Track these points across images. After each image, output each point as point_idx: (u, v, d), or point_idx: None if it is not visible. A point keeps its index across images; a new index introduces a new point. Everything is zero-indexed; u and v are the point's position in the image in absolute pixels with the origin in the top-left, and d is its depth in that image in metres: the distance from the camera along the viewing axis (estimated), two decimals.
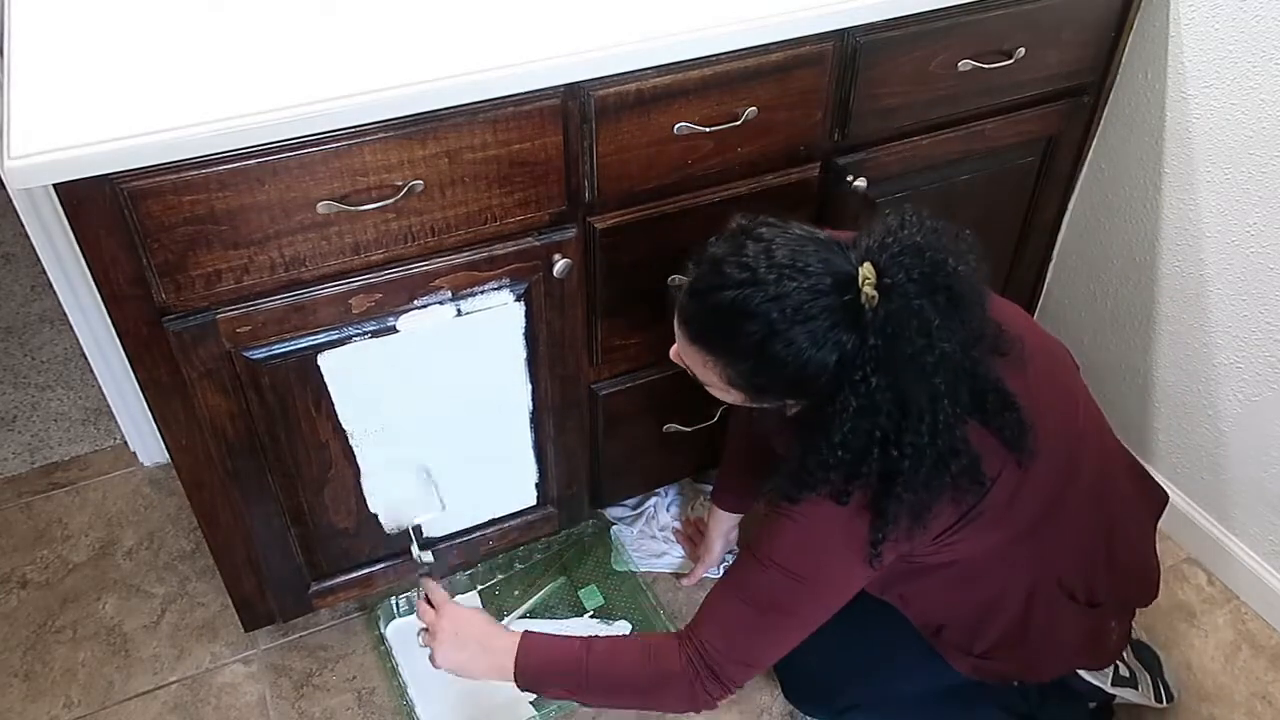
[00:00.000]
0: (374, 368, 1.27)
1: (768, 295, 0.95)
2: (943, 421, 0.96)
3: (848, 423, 0.96)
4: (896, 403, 0.95)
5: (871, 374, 0.94)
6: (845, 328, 0.94)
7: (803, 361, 0.95)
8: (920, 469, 0.97)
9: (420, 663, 1.56)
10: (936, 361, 0.94)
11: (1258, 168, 1.45)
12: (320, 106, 1.02)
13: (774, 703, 1.54)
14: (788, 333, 0.95)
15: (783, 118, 1.32)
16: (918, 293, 0.93)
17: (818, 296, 0.94)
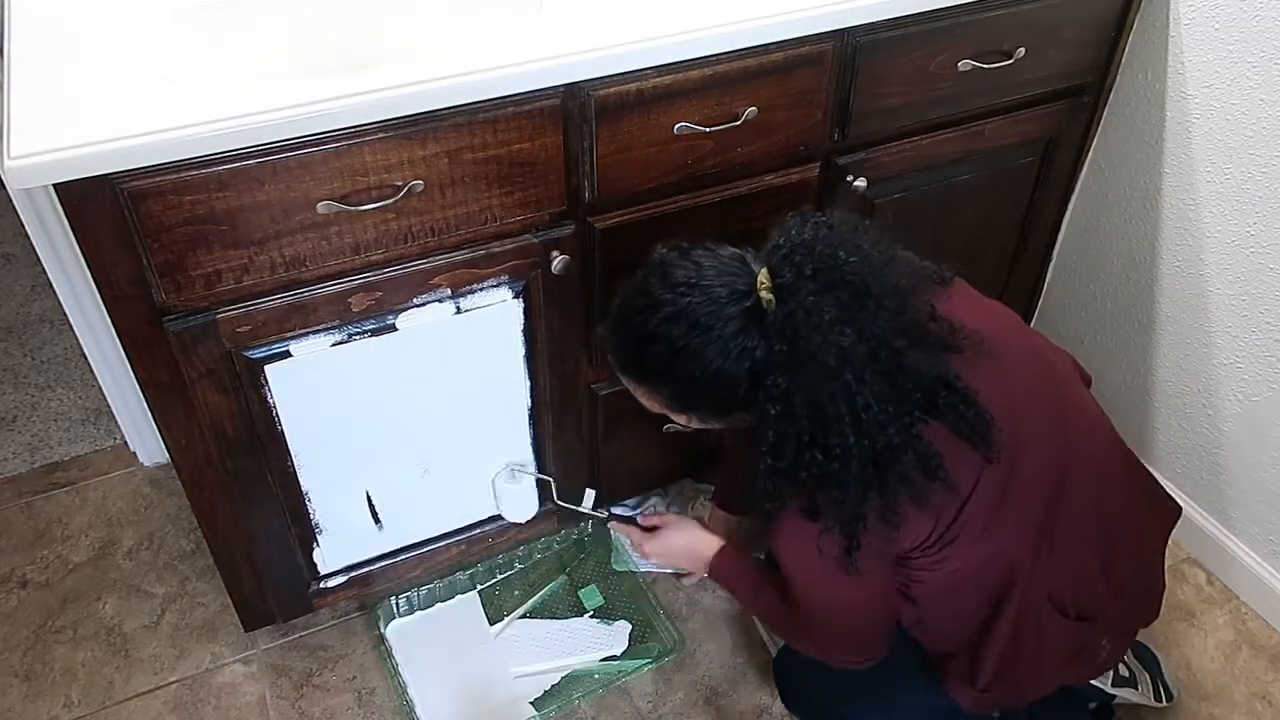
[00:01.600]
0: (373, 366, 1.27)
1: (666, 315, 0.98)
2: (867, 419, 0.95)
3: (770, 430, 0.97)
4: (810, 404, 0.95)
5: (780, 378, 0.95)
6: (750, 334, 0.95)
7: (713, 374, 0.97)
8: (851, 469, 0.96)
9: (420, 663, 1.56)
10: (841, 356, 0.93)
11: (1258, 168, 1.45)
12: (320, 106, 1.02)
13: (774, 703, 1.54)
14: (692, 348, 0.97)
15: (783, 118, 1.32)
16: (810, 290, 0.94)
17: (717, 307, 0.96)
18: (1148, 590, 1.30)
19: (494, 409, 1.42)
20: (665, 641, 1.60)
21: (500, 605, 1.66)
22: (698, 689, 1.56)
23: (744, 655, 1.60)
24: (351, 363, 1.25)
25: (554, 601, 1.67)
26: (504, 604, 1.66)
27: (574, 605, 1.66)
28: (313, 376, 1.24)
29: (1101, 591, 1.21)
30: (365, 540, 1.49)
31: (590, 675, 1.57)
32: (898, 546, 1.07)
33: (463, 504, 1.52)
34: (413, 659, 1.57)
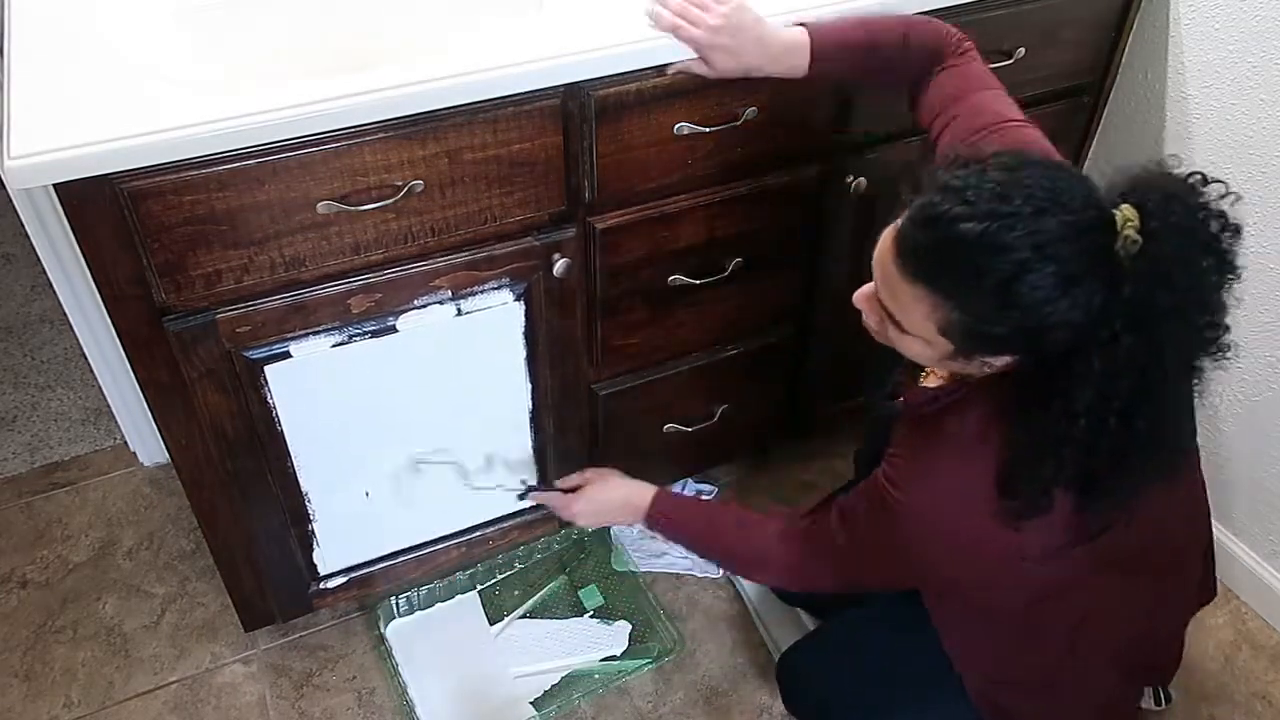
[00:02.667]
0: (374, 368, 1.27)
1: (1018, 231, 0.81)
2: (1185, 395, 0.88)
3: (1089, 389, 0.84)
4: (1146, 368, 0.83)
5: (1124, 331, 0.82)
6: (1099, 274, 0.82)
7: (1048, 308, 0.82)
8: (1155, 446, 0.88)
9: (420, 663, 1.56)
10: (1212, 325, 0.83)
11: (1258, 168, 1.45)
12: (320, 106, 1.02)
13: (774, 703, 1.54)
14: (1038, 273, 0.81)
15: (783, 118, 1.31)
16: (1188, 243, 0.82)
17: (1078, 235, 0.82)
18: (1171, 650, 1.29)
19: (495, 411, 1.42)
20: (665, 641, 1.60)
21: (500, 605, 1.66)
22: (698, 689, 1.56)
23: (744, 655, 1.60)
24: (352, 364, 1.25)
25: (554, 601, 1.67)
26: (504, 604, 1.66)
27: (574, 605, 1.66)
28: (313, 377, 1.24)
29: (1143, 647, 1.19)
30: (365, 541, 1.49)
31: (590, 675, 1.57)
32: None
33: (463, 505, 1.52)
34: (413, 659, 1.57)
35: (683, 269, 1.40)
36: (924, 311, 0.90)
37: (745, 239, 1.42)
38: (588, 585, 1.69)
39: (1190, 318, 0.83)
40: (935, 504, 1.00)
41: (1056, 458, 0.89)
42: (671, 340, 1.49)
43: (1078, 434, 0.87)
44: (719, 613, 1.66)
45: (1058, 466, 0.89)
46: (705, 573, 1.72)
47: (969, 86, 1.11)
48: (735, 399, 1.62)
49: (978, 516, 0.96)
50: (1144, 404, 0.85)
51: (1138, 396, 0.85)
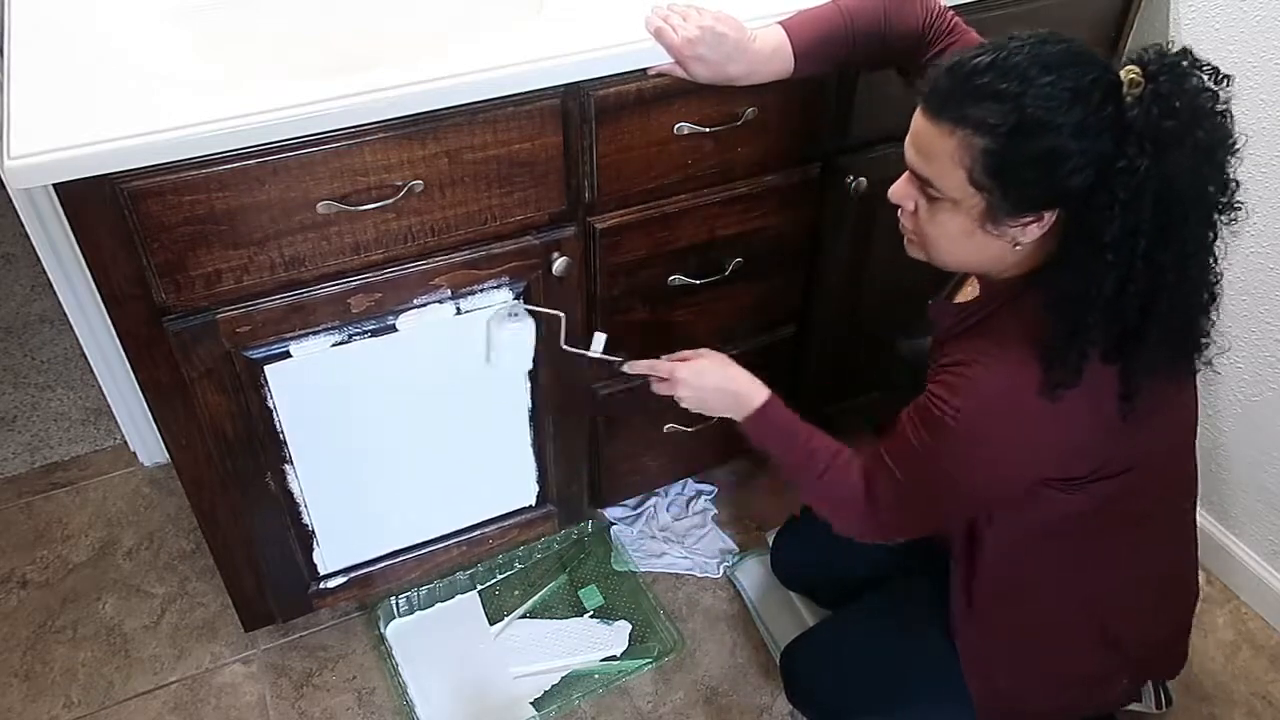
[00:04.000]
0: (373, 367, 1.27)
1: (1033, 55, 0.91)
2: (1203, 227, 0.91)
3: (1115, 222, 0.88)
4: (1161, 193, 0.87)
5: (1137, 156, 0.86)
6: (1108, 102, 0.88)
7: (1061, 126, 0.88)
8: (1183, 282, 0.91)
9: (420, 663, 1.56)
10: (1206, 145, 0.88)
11: (1258, 168, 1.45)
12: (320, 106, 1.02)
13: (774, 702, 1.54)
14: (1051, 88, 0.88)
15: (783, 118, 1.32)
16: (1182, 77, 0.88)
17: (1085, 69, 0.90)
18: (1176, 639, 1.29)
19: (494, 410, 1.42)
20: (665, 641, 1.60)
21: (500, 605, 1.66)
22: (698, 689, 1.56)
23: (744, 655, 1.60)
24: (352, 363, 1.25)
25: (554, 601, 1.67)
26: (504, 604, 1.66)
27: (574, 605, 1.66)
28: (313, 377, 1.24)
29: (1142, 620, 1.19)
30: (365, 540, 1.49)
31: (590, 675, 1.57)
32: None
33: (463, 504, 1.52)
34: (413, 659, 1.57)
35: (683, 269, 1.40)
36: (951, 153, 0.93)
37: (745, 239, 1.42)
38: (588, 585, 1.69)
39: (1197, 145, 0.87)
40: (985, 405, 1.00)
41: (1089, 309, 0.92)
42: (671, 340, 1.49)
43: (1107, 276, 0.90)
44: (719, 613, 1.66)
45: (1091, 321, 0.92)
46: (705, 573, 1.72)
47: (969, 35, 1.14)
48: None
49: (1026, 403, 0.97)
50: (1166, 242, 0.89)
51: (1159, 233, 0.88)
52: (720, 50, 1.11)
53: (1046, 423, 0.99)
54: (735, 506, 1.84)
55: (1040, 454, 1.03)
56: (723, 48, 1.11)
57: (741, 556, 1.74)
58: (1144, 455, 1.06)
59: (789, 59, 1.14)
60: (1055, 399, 0.95)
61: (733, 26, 1.12)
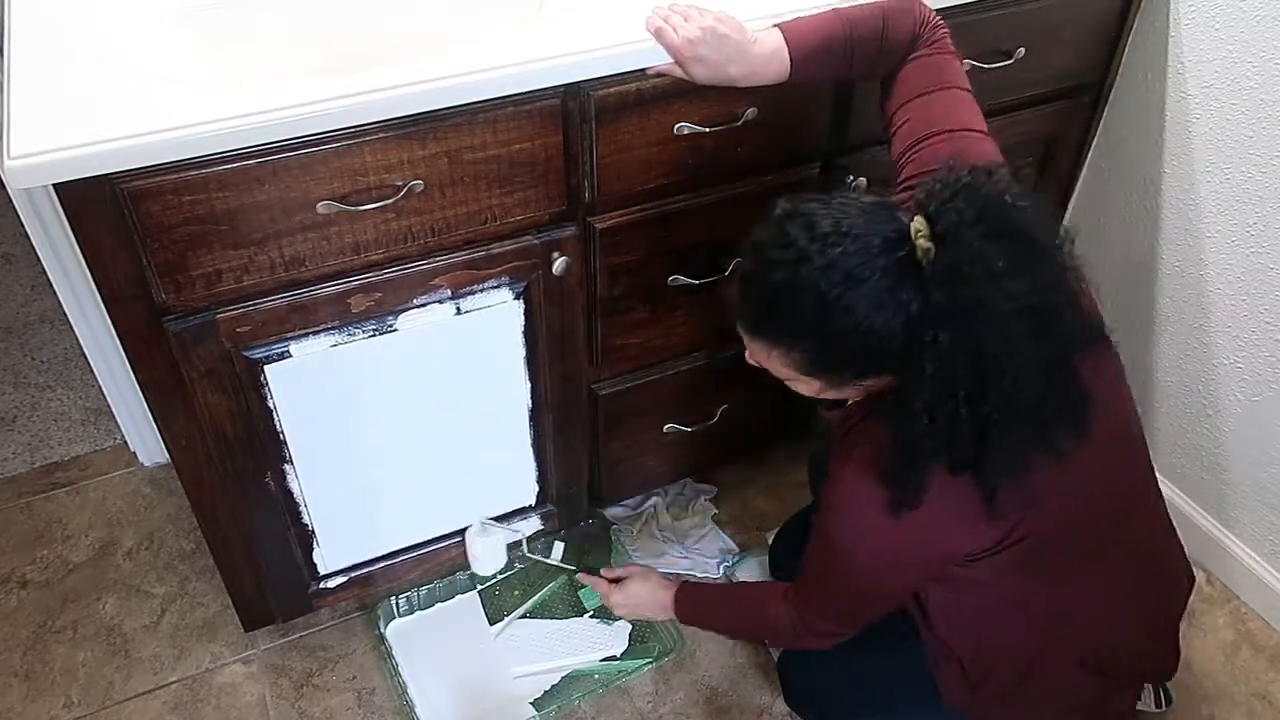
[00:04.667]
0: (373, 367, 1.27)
1: (815, 266, 0.90)
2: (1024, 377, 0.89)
3: (924, 390, 0.90)
4: (973, 359, 0.88)
5: (941, 332, 0.88)
6: (905, 286, 0.89)
7: (865, 329, 0.90)
8: (1009, 427, 0.91)
9: (420, 663, 1.56)
10: (1008, 310, 0.87)
11: (1258, 168, 1.45)
12: (320, 106, 1.02)
13: (774, 702, 1.54)
14: (843, 300, 0.90)
15: (783, 117, 1.32)
16: (977, 236, 0.87)
17: (869, 258, 0.89)
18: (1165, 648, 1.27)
19: (494, 410, 1.42)
20: (665, 641, 1.60)
21: (500, 605, 1.66)
22: (698, 689, 1.56)
23: (744, 655, 1.60)
24: (351, 363, 1.25)
25: (554, 601, 1.67)
26: (504, 604, 1.66)
27: (574, 605, 1.66)
28: (313, 377, 1.24)
29: (1124, 647, 1.19)
30: (365, 540, 1.49)
31: (590, 675, 1.57)
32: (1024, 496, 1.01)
33: (463, 504, 1.52)
34: (413, 659, 1.57)
35: (683, 269, 1.40)
36: (776, 357, 1.00)
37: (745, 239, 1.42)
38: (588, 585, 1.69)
39: (998, 304, 0.87)
40: (849, 521, 1.06)
41: (918, 448, 0.94)
42: (671, 340, 1.49)
43: (929, 427, 0.92)
44: None
45: (921, 459, 0.95)
46: (705, 574, 1.72)
47: (933, 82, 1.12)
48: (735, 399, 1.62)
49: (882, 522, 1.01)
50: (988, 389, 0.90)
51: (978, 384, 0.90)
52: (721, 52, 1.11)
53: (906, 536, 1.02)
54: (735, 506, 1.84)
55: (917, 560, 1.07)
56: (723, 49, 1.11)
57: (741, 556, 1.74)
58: (1058, 512, 1.05)
59: (786, 63, 1.14)
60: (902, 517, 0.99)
61: (734, 28, 1.12)
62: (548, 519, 1.61)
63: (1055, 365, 0.92)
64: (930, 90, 1.11)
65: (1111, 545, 1.13)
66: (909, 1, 1.15)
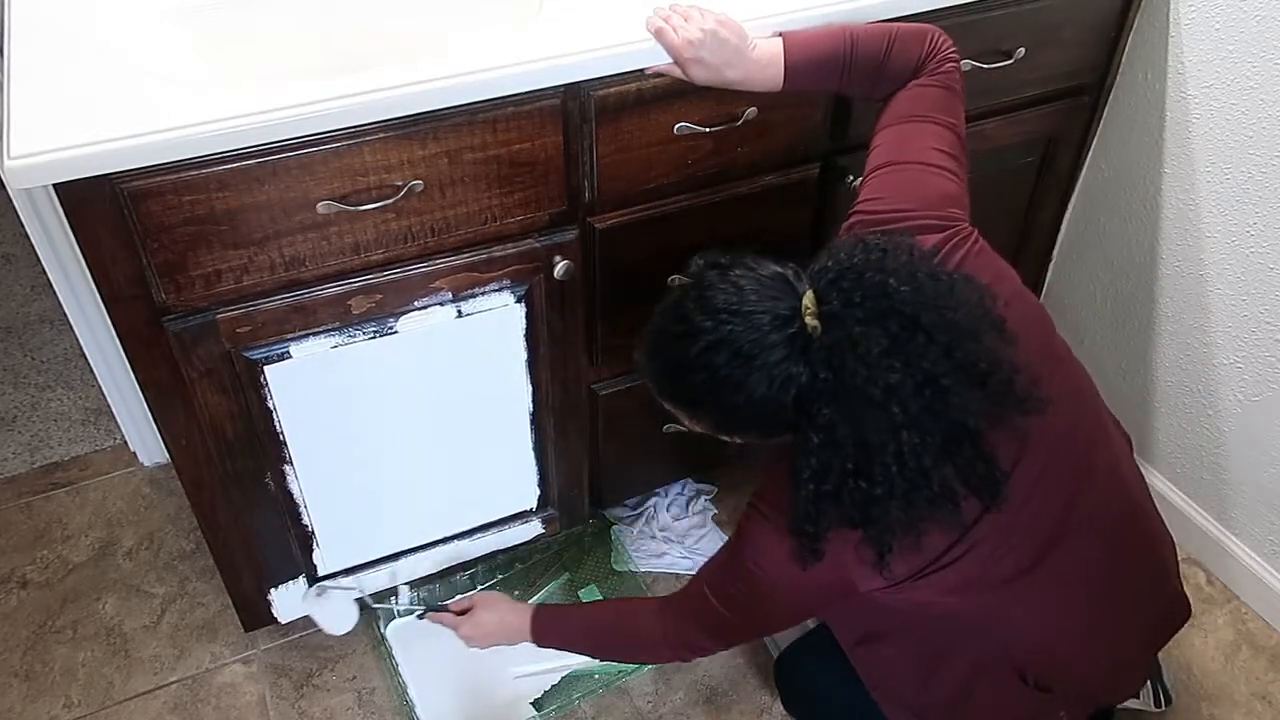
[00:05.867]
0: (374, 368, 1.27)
1: (706, 344, 0.94)
2: (909, 452, 0.92)
3: (813, 457, 0.93)
4: (855, 435, 0.91)
5: (825, 408, 0.91)
6: (794, 361, 0.91)
7: (757, 401, 0.93)
8: (894, 497, 0.93)
9: (420, 663, 1.56)
10: (887, 391, 0.89)
11: (1258, 168, 1.45)
12: (320, 106, 1.02)
13: (774, 703, 1.54)
14: (735, 378, 0.93)
15: (783, 118, 1.32)
16: (858, 319, 0.90)
17: (760, 334, 0.92)
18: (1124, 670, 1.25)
19: (495, 412, 1.42)
20: None
21: None
22: (698, 689, 1.56)
23: (744, 655, 1.60)
24: (352, 364, 1.25)
25: (554, 601, 1.67)
26: None
27: None
28: (313, 378, 1.24)
29: (1070, 667, 1.16)
30: (365, 541, 1.49)
31: (590, 675, 1.57)
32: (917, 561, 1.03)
33: (463, 507, 1.52)
34: (413, 659, 1.57)
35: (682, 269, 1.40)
36: (688, 418, 1.04)
37: (745, 239, 1.41)
38: (588, 585, 1.69)
39: (872, 389, 0.89)
40: (758, 550, 1.07)
41: (809, 506, 0.96)
42: None
43: (818, 491, 0.95)
44: None
45: (813, 513, 0.97)
46: None
47: (914, 112, 1.13)
48: None
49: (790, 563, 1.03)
50: (871, 465, 0.92)
51: (863, 458, 0.92)
52: (720, 55, 1.12)
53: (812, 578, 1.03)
54: (735, 506, 1.84)
55: (824, 593, 1.08)
56: (723, 52, 1.12)
57: None
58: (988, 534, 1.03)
59: (780, 73, 1.14)
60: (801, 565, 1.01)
61: (735, 32, 1.12)
62: (549, 522, 1.61)
63: (949, 443, 0.93)
64: (908, 120, 1.12)
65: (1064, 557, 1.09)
66: (923, 30, 1.15)
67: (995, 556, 1.05)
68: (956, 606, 1.08)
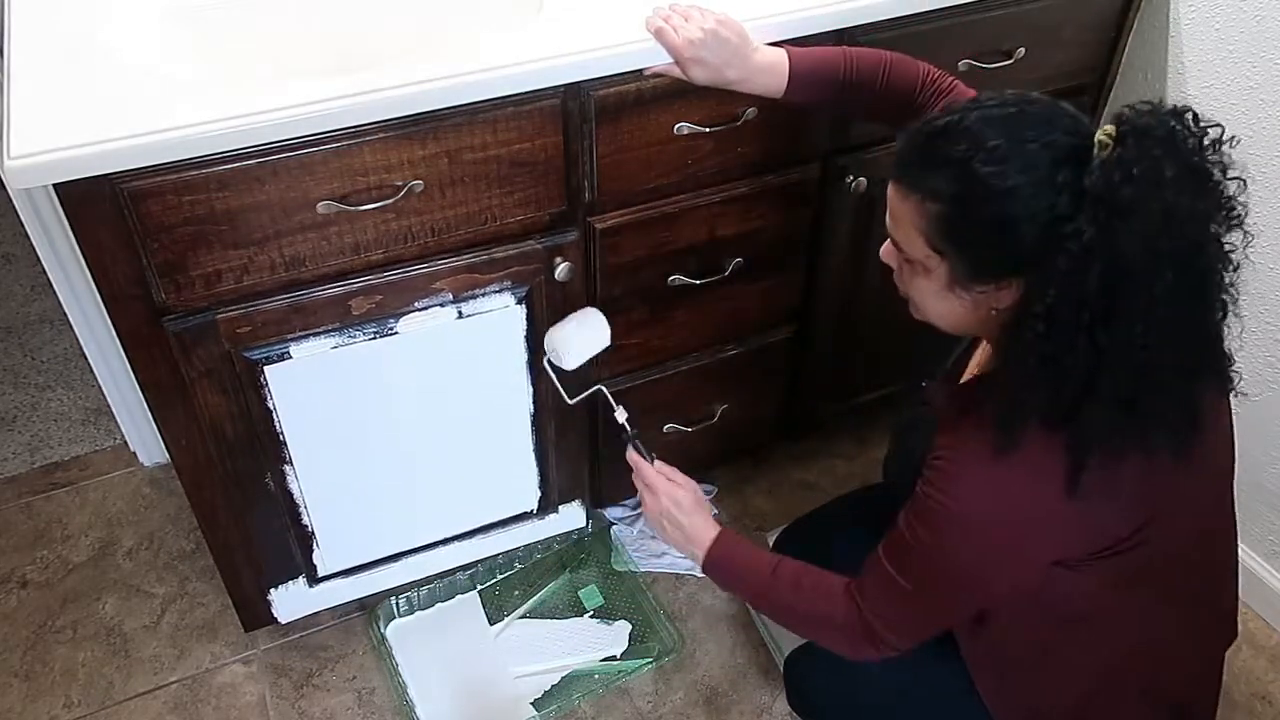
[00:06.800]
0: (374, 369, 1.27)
1: (984, 115, 0.88)
2: (1166, 314, 0.83)
3: (1052, 290, 0.84)
4: (1109, 271, 0.82)
5: (1086, 225, 0.82)
6: (1065, 168, 0.84)
7: (1010, 192, 0.85)
8: (1118, 384, 0.85)
9: (420, 663, 1.56)
10: (1168, 219, 0.81)
11: (1258, 168, 1.45)
12: (320, 106, 1.02)
13: (774, 702, 1.54)
14: (1000, 153, 0.85)
15: (783, 117, 1.32)
16: (1157, 146, 0.82)
17: (1040, 127, 0.86)
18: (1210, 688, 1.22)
19: (495, 413, 1.42)
20: (665, 641, 1.60)
21: (500, 605, 1.66)
22: (698, 689, 1.56)
23: (744, 655, 1.60)
24: (352, 365, 1.25)
25: (554, 601, 1.67)
26: (504, 604, 1.66)
27: (574, 605, 1.66)
28: (313, 378, 1.24)
29: (1186, 680, 1.14)
30: (365, 541, 1.49)
31: (590, 675, 1.57)
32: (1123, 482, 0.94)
33: (464, 508, 1.52)
34: (413, 659, 1.57)
35: (683, 269, 1.40)
36: (911, 218, 0.94)
37: (745, 239, 1.42)
38: (588, 585, 1.69)
39: (1153, 216, 0.82)
40: (973, 494, 0.97)
41: (1030, 377, 0.89)
42: (671, 340, 1.49)
43: (1043, 339, 0.86)
44: (719, 613, 1.66)
45: (1033, 387, 0.89)
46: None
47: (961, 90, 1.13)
48: (735, 399, 1.62)
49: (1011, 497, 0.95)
50: (1111, 318, 0.84)
51: (1106, 306, 0.84)
52: (720, 55, 1.12)
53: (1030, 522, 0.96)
54: (735, 506, 1.84)
55: (1021, 549, 0.99)
56: (723, 53, 1.12)
57: None
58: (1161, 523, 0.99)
59: (783, 78, 1.15)
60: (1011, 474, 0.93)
61: (736, 32, 1.12)
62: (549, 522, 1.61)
63: (1187, 330, 0.86)
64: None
65: (1194, 573, 1.10)
66: (915, 60, 1.17)
67: (1161, 556, 1.01)
68: (1113, 602, 1.03)
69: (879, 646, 1.07)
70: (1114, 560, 0.99)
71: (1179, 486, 0.99)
